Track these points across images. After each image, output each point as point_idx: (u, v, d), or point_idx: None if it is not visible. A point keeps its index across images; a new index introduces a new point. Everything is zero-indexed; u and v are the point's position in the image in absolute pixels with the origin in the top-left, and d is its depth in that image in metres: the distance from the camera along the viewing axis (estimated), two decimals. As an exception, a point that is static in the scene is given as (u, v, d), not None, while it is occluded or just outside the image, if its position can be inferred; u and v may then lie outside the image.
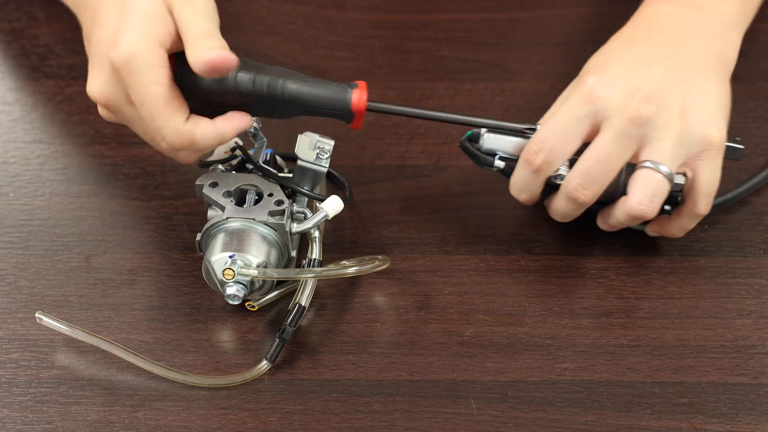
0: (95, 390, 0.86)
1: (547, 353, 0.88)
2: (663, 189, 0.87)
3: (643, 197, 0.87)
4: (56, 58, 1.08)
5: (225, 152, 0.94)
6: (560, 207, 0.90)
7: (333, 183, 0.99)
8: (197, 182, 0.90)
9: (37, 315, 0.87)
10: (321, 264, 0.88)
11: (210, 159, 0.94)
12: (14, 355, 0.88)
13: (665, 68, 0.88)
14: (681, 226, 0.91)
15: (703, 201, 0.88)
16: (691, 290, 0.92)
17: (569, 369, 0.87)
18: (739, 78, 0.93)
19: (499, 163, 0.90)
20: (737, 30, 0.94)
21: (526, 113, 1.04)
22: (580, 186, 0.87)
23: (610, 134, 0.86)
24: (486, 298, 0.91)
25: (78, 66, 1.08)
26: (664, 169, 0.86)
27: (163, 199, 0.98)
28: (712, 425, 0.84)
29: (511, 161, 0.90)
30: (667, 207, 0.89)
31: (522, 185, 0.89)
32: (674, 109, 0.86)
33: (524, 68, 1.08)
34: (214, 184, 0.89)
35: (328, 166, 0.91)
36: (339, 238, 0.95)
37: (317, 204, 0.90)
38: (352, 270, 0.87)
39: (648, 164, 0.86)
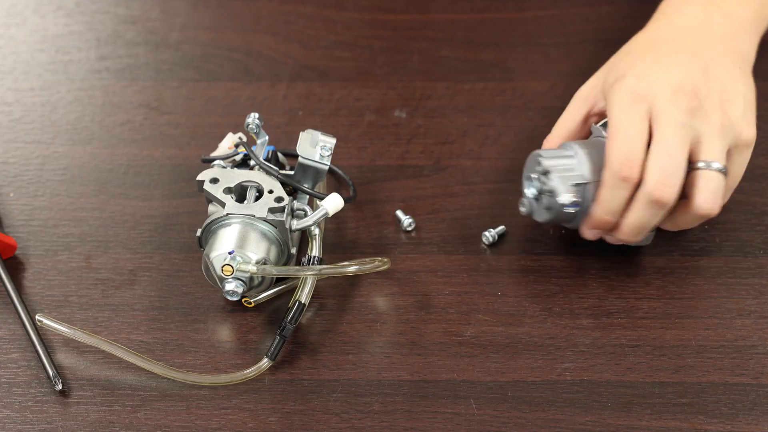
0: (95, 390, 0.86)
1: (547, 353, 0.88)
2: (721, 184, 0.87)
3: (708, 195, 0.87)
4: (58, 57, 1.09)
5: (228, 148, 0.94)
6: (638, 218, 0.87)
7: (337, 182, 0.99)
8: (198, 178, 0.90)
9: (37, 317, 0.87)
10: (321, 261, 0.88)
11: (212, 155, 0.94)
12: (14, 355, 0.88)
13: (698, 65, 0.89)
14: (684, 221, 0.90)
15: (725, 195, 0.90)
16: (691, 290, 0.92)
17: (569, 369, 0.87)
18: (739, 78, 0.93)
19: (573, 200, 0.88)
20: (756, 32, 0.95)
21: (526, 113, 1.04)
22: (661, 184, 0.85)
23: (670, 125, 0.86)
24: (486, 298, 0.91)
25: (79, 65, 1.08)
26: (718, 165, 0.87)
27: (163, 199, 0.98)
28: (712, 425, 0.84)
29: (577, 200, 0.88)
30: None
31: (617, 206, 0.87)
32: (715, 102, 0.87)
33: (524, 68, 1.08)
34: (214, 180, 0.89)
35: (329, 163, 0.91)
36: (339, 238, 0.95)
37: (318, 202, 0.90)
38: (352, 269, 0.87)
39: (701, 164, 0.86)
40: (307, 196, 0.92)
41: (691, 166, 0.87)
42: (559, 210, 0.88)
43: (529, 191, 0.90)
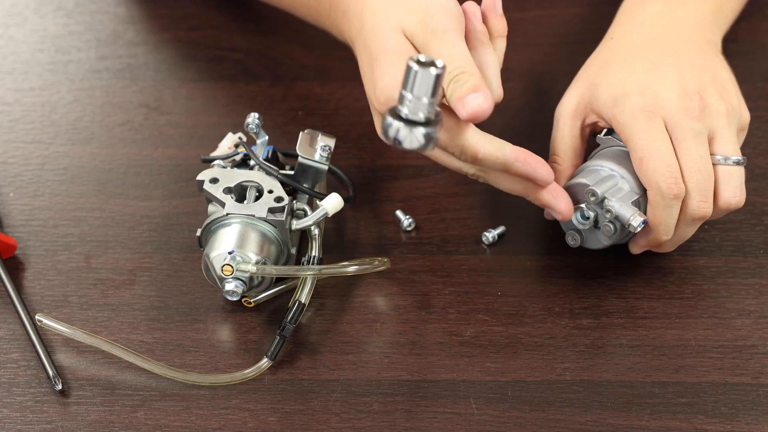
0: (95, 390, 0.86)
1: (547, 353, 0.88)
2: (743, 176, 0.89)
3: (734, 189, 0.88)
4: (58, 57, 1.09)
5: (228, 148, 0.94)
6: (684, 234, 0.89)
7: (337, 182, 0.99)
8: (198, 178, 0.90)
9: (37, 317, 0.87)
10: (321, 261, 0.88)
11: (212, 155, 0.94)
12: (14, 355, 0.88)
13: (685, 62, 0.89)
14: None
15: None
16: (691, 290, 0.92)
17: (569, 369, 0.87)
18: (739, 78, 0.93)
19: (642, 219, 0.87)
20: (719, 26, 0.96)
21: (526, 113, 1.04)
22: (702, 202, 0.86)
23: (690, 138, 0.86)
24: (486, 298, 0.91)
25: (79, 65, 1.08)
26: (736, 158, 0.88)
27: (163, 199, 0.98)
28: (712, 425, 0.84)
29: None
30: None
31: (672, 223, 0.87)
32: (715, 94, 0.88)
33: (524, 68, 1.07)
34: (214, 180, 0.89)
35: (329, 164, 0.91)
36: (339, 238, 0.95)
37: (317, 202, 0.90)
38: (352, 269, 0.87)
39: (719, 158, 0.87)
40: (307, 196, 0.92)
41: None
42: (624, 233, 0.88)
43: (581, 223, 0.89)
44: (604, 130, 0.91)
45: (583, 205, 0.88)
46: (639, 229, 0.86)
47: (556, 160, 0.91)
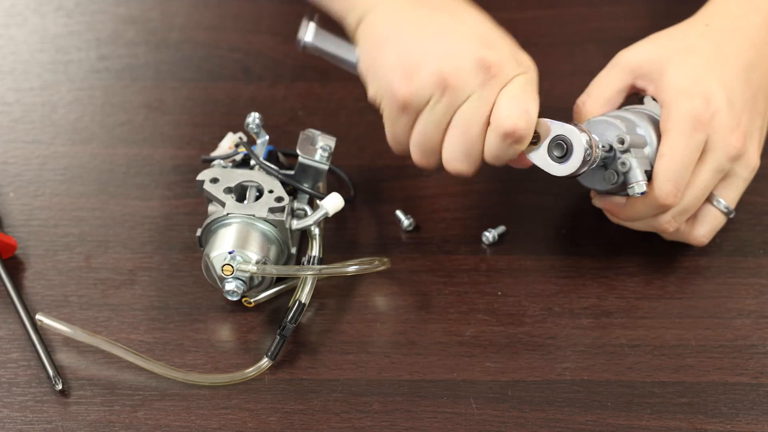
0: (95, 390, 0.86)
1: (547, 353, 0.88)
2: (722, 224, 0.91)
3: (708, 231, 0.90)
4: (58, 57, 1.09)
5: (228, 148, 0.94)
6: (670, 236, 0.91)
7: (337, 182, 0.99)
8: (198, 178, 0.90)
9: (37, 317, 0.87)
10: (321, 261, 0.88)
11: (212, 155, 0.94)
12: (14, 355, 0.88)
13: (750, 95, 0.88)
14: (703, 232, 0.91)
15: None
16: (691, 290, 0.92)
17: (569, 369, 0.87)
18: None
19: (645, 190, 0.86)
20: None
21: (526, 113, 1.04)
22: (673, 220, 0.88)
23: (712, 169, 0.87)
24: (486, 298, 0.91)
25: (79, 65, 1.08)
26: (726, 207, 0.89)
27: (163, 199, 0.98)
28: (712, 425, 0.84)
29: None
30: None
31: (642, 216, 0.89)
32: (755, 145, 0.88)
33: (524, 68, 1.07)
34: (214, 180, 0.90)
35: (329, 163, 0.91)
36: (340, 238, 0.95)
37: (318, 202, 0.90)
38: (352, 269, 0.87)
39: (715, 202, 0.89)
40: (307, 196, 0.92)
41: (709, 197, 0.89)
42: (620, 188, 0.87)
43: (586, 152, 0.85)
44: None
45: (604, 145, 0.86)
46: (636, 195, 0.86)
47: (586, 101, 0.90)
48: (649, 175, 0.86)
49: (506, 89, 0.84)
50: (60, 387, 0.85)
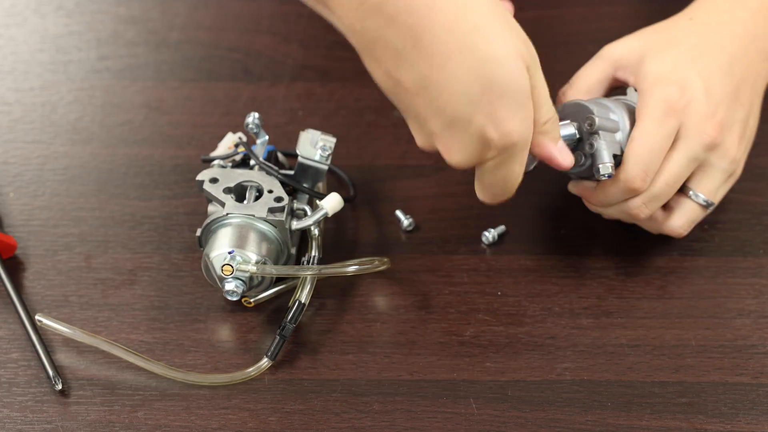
0: (95, 390, 0.86)
1: (547, 353, 0.88)
2: (700, 217, 0.91)
3: (685, 223, 0.90)
4: (58, 57, 1.09)
5: (228, 148, 0.94)
6: (650, 227, 0.91)
7: (337, 182, 0.99)
8: (198, 178, 0.90)
9: (37, 317, 0.87)
10: (321, 261, 0.88)
11: (212, 155, 0.94)
12: (14, 355, 0.88)
13: (732, 86, 0.88)
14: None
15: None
16: (691, 290, 0.92)
17: (569, 369, 0.87)
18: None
19: (611, 172, 0.86)
20: None
21: (526, 113, 1.04)
22: (644, 205, 0.87)
23: (684, 157, 0.87)
24: (486, 298, 0.91)
25: (79, 65, 1.08)
26: (706, 200, 0.89)
27: (163, 199, 0.98)
28: (712, 425, 0.84)
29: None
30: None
31: (613, 204, 0.89)
32: (734, 138, 0.88)
33: (524, 68, 1.07)
34: (214, 180, 0.90)
35: (329, 163, 0.91)
36: (339, 238, 0.95)
37: (317, 202, 0.90)
38: (352, 269, 0.87)
39: (692, 194, 0.89)
40: (307, 196, 0.92)
41: (682, 187, 0.88)
42: (587, 171, 0.87)
43: (565, 138, 0.86)
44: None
45: (575, 123, 0.87)
46: (602, 178, 0.86)
47: (566, 91, 0.91)
48: (619, 161, 0.86)
49: None
50: (60, 387, 0.85)
